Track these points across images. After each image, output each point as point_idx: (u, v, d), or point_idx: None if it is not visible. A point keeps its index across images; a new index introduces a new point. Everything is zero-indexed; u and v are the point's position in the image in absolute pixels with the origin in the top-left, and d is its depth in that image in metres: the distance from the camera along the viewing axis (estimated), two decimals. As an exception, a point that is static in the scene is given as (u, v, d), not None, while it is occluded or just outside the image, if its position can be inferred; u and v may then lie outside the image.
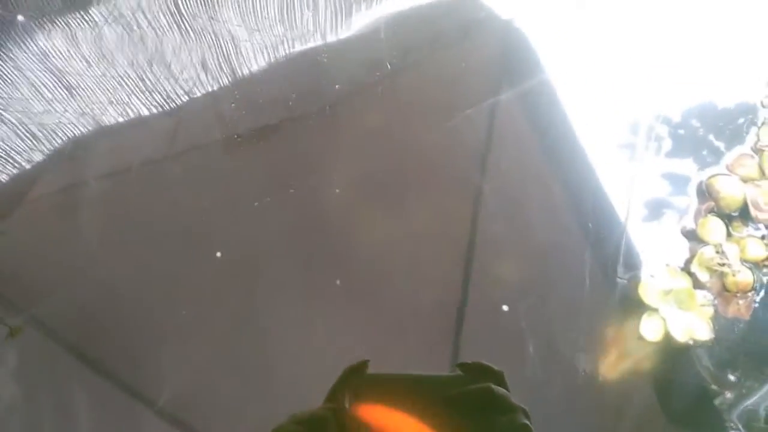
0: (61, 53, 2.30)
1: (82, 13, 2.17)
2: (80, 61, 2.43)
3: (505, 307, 2.28)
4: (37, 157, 2.83)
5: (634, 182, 2.75)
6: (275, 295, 2.53)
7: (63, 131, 2.85)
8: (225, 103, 2.85)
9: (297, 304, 2.48)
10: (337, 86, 2.75)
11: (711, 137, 3.02)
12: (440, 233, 2.60)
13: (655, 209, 3.70)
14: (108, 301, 2.58)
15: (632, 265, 2.51)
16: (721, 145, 2.86)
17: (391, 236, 2.58)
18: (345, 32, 2.83)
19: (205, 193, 2.72)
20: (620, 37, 3.03)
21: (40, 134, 2.82)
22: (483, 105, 2.69)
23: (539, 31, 2.94)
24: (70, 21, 2.22)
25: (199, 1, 2.57)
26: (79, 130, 2.85)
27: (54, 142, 2.81)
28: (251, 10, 2.82)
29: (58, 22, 2.18)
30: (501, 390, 0.95)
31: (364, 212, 2.65)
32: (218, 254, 2.56)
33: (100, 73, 2.56)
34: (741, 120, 3.10)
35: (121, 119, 2.88)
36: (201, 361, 2.51)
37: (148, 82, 2.79)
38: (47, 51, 2.24)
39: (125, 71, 2.61)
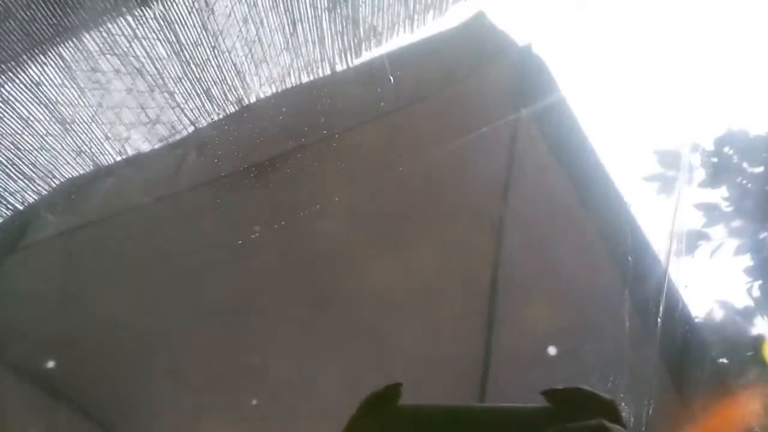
0: (54, 83, 2.19)
1: (75, 41, 2.06)
2: (73, 90, 2.32)
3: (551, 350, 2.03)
4: (31, 198, 2.72)
5: (673, 213, 2.54)
6: (274, 343, 2.34)
7: (60, 171, 2.73)
8: (230, 137, 2.75)
9: (296, 351, 2.30)
10: (344, 117, 2.62)
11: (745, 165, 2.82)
12: (458, 272, 2.39)
13: (693, 242, 3.46)
14: (106, 349, 2.49)
15: (674, 305, 2.27)
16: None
17: (403, 276, 2.37)
18: (353, 62, 2.71)
19: (209, 232, 2.60)
20: (643, 62, 2.89)
21: (35, 175, 2.70)
22: (501, 132, 2.52)
23: (557, 57, 2.80)
24: (62, 51, 2.12)
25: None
26: (76, 170, 2.75)
27: (51, 182, 2.71)
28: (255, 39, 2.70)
29: (50, 53, 2.08)
30: (617, 428, 0.64)
31: (372, 249, 2.43)
32: (218, 298, 2.41)
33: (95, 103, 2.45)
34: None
35: (119, 157, 2.78)
36: (197, 405, 2.38)
37: (150, 113, 2.67)
38: (39, 81, 2.14)
39: (123, 100, 2.50)
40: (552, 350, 2.04)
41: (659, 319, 2.24)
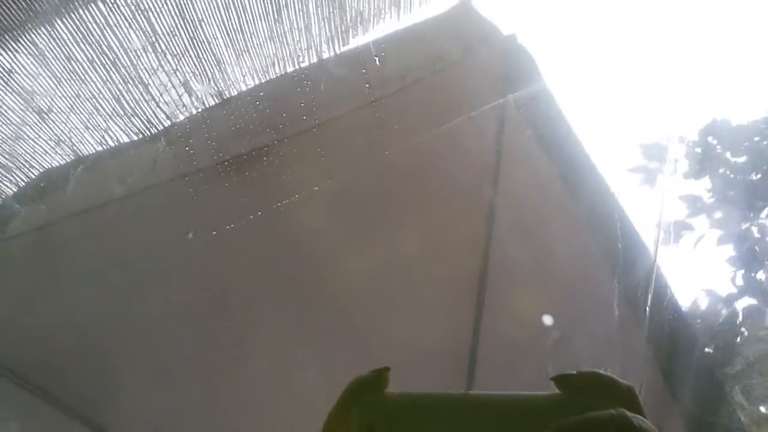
0: (28, 71, 2.12)
1: (48, 27, 1.99)
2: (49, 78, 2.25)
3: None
4: (9, 190, 2.65)
5: (660, 204, 2.54)
6: (258, 334, 2.28)
7: (38, 161, 2.66)
8: (212, 128, 2.69)
9: (280, 343, 2.25)
10: (329, 106, 2.57)
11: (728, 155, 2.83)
12: (446, 258, 2.36)
13: (678, 232, 3.47)
14: (83, 346, 2.44)
15: (662, 293, 2.26)
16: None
17: (387, 262, 2.33)
18: (340, 49, 2.66)
19: (188, 225, 2.55)
20: (627, 53, 2.88)
21: (12, 165, 2.62)
22: (487, 119, 2.50)
23: (542, 48, 2.79)
24: (35, 38, 2.04)
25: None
26: (56, 160, 2.68)
27: (29, 173, 2.63)
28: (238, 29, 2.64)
29: (22, 39, 2.01)
30: (638, 419, 0.61)
31: (355, 238, 2.39)
32: (199, 291, 2.35)
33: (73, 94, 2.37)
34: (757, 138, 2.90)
35: (99, 147, 2.70)
36: (176, 401, 2.33)
37: (126, 106, 2.60)
38: (12, 68, 2.06)
39: (100, 91, 2.43)
40: (541, 338, 2.01)
41: (647, 308, 2.23)
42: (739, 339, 3.87)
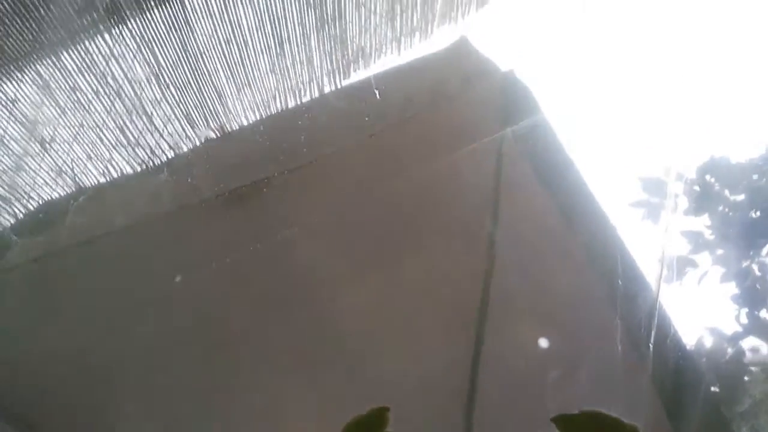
0: (32, 100, 2.14)
1: (53, 58, 2.02)
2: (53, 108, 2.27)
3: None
4: (7, 223, 2.64)
5: (662, 240, 2.53)
6: (253, 367, 2.24)
7: (38, 193, 2.65)
8: (214, 160, 2.70)
9: (275, 377, 2.21)
10: (330, 139, 2.59)
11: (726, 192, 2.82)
12: (445, 291, 2.33)
13: (681, 268, 3.44)
14: (78, 378, 2.38)
15: (666, 329, 2.23)
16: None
17: (386, 295, 2.31)
18: (341, 83, 2.70)
19: (189, 256, 2.53)
20: (627, 88, 2.91)
21: (11, 197, 2.62)
22: (486, 154, 2.51)
23: (541, 81, 2.82)
24: (40, 69, 2.07)
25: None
26: (56, 191, 2.68)
27: (28, 205, 2.63)
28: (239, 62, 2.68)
29: (27, 70, 2.03)
30: None
31: (355, 272, 2.36)
32: (197, 322, 2.32)
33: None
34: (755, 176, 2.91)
35: (102, 178, 2.71)
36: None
37: (130, 136, 2.62)
38: (16, 98, 2.08)
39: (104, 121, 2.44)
40: (542, 374, 1.97)
41: (651, 345, 2.19)
42: (746, 377, 3.81)
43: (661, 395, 2.23)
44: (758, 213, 4.56)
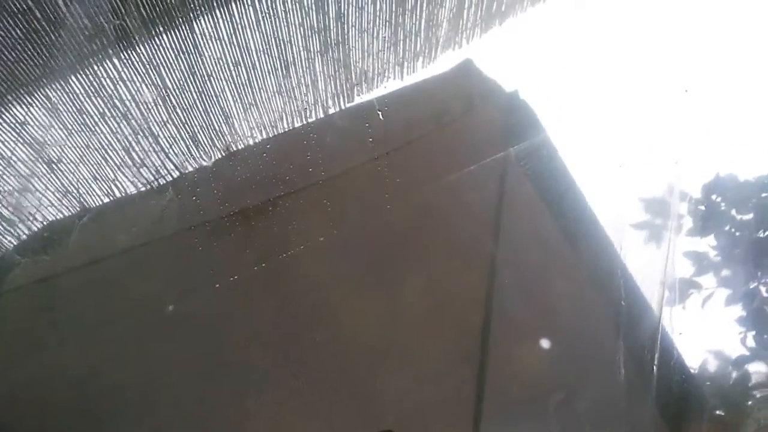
0: (40, 123, 2.17)
1: (62, 83, 2.06)
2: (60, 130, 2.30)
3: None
4: (10, 244, 2.65)
5: (664, 262, 2.52)
6: (257, 390, 2.24)
7: (43, 214, 2.67)
8: (219, 180, 2.72)
9: (279, 399, 2.20)
10: (335, 161, 2.61)
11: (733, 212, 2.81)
12: (448, 312, 2.33)
13: (685, 290, 3.42)
14: (77, 401, 2.39)
15: (670, 353, 2.21)
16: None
17: (390, 316, 2.31)
18: (345, 105, 2.72)
19: (192, 277, 2.55)
20: (629, 109, 2.92)
21: (16, 219, 2.63)
22: (490, 175, 2.52)
23: (544, 102, 2.84)
24: (49, 92, 2.11)
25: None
26: (61, 212, 2.70)
27: (32, 226, 2.64)
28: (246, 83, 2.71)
29: (36, 94, 2.07)
30: None
31: (359, 293, 2.38)
32: (201, 344, 2.32)
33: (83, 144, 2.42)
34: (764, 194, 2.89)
35: (106, 198, 2.73)
36: None
37: (135, 157, 2.64)
38: (24, 120, 2.12)
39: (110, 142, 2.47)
40: (545, 397, 1.96)
41: (655, 368, 2.18)
42: (750, 402, 3.75)
43: (665, 419, 2.21)
44: (766, 232, 4.50)
